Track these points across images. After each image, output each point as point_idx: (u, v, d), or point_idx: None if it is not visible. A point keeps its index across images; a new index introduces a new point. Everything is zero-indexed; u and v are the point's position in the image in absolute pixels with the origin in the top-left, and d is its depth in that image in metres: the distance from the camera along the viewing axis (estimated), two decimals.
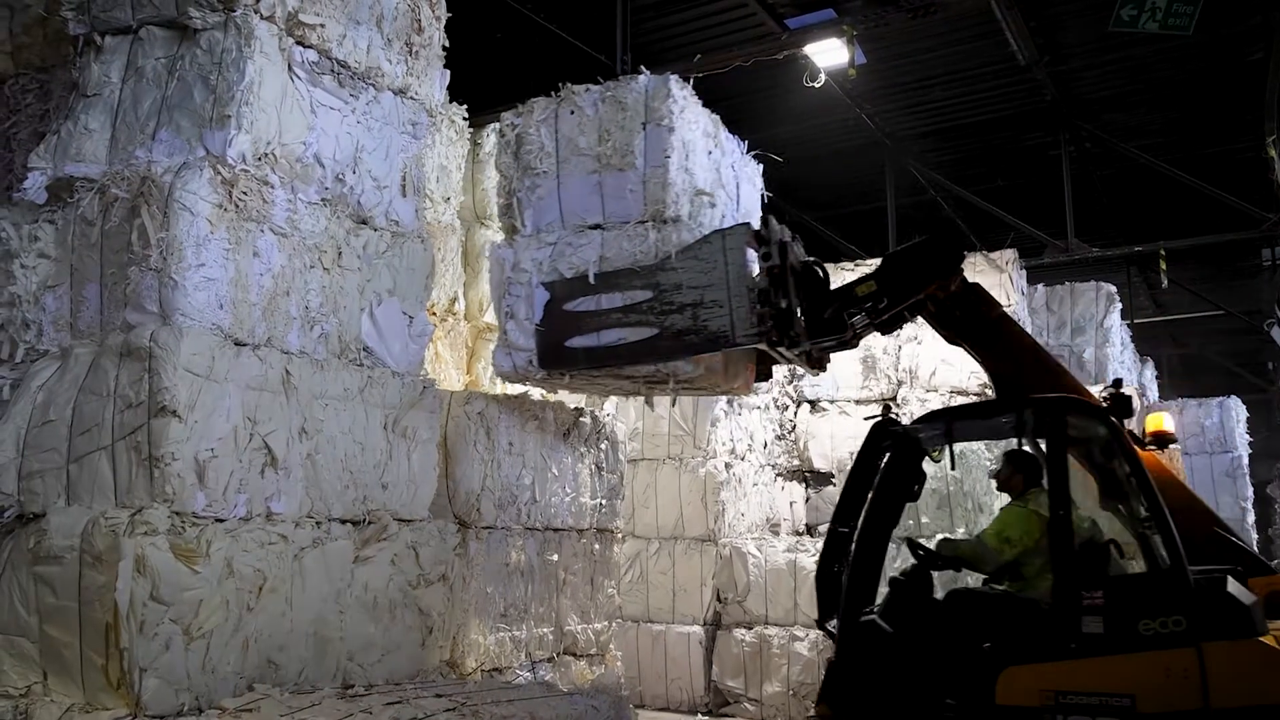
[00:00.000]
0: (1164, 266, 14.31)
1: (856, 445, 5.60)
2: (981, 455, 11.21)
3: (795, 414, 11.70)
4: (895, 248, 6.02)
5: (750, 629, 9.36)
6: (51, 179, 4.70)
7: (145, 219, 4.30)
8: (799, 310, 5.69)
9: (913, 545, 5.40)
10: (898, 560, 5.86)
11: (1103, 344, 13.84)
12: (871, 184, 14.81)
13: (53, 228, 4.60)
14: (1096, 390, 11.17)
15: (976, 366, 11.80)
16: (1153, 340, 20.46)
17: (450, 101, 7.01)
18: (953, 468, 5.63)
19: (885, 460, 5.28)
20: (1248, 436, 16.25)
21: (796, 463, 11.61)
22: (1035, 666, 4.67)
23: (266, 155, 4.71)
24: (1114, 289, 14.39)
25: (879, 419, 5.48)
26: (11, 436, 4.30)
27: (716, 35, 11.06)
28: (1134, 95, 12.79)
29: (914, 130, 13.82)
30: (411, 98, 5.58)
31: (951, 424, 5.40)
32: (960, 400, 11.60)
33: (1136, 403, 11.09)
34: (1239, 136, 13.37)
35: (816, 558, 5.54)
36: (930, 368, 11.84)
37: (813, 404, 11.74)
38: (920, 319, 6.05)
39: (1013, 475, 5.39)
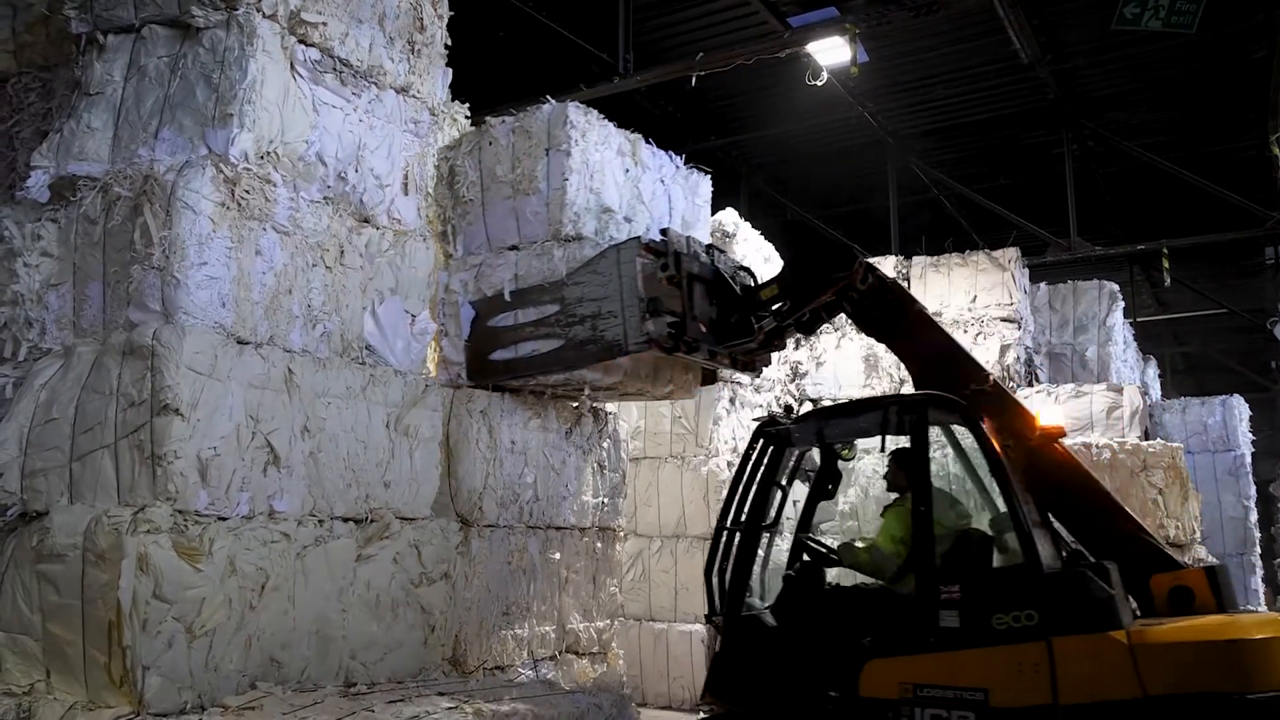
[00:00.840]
0: (1167, 265, 14.30)
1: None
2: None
3: (798, 413, 11.69)
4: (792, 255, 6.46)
5: None
6: (54, 178, 4.71)
7: (148, 217, 4.31)
8: (694, 317, 5.93)
9: (807, 543, 5.57)
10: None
11: (1105, 342, 13.81)
12: (874, 182, 14.82)
13: (55, 226, 4.60)
14: (1100, 389, 11.19)
15: None
16: (1155, 339, 20.45)
17: (452, 100, 7.02)
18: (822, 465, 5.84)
19: (764, 459, 5.46)
20: (1250, 435, 16.21)
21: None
22: (896, 659, 4.75)
23: (269, 154, 4.71)
24: (1116, 287, 14.37)
25: (763, 419, 5.65)
26: (14, 435, 4.30)
27: (719, 33, 11.07)
28: (1137, 93, 12.78)
29: (916, 128, 13.81)
30: (414, 96, 5.58)
31: (824, 422, 5.53)
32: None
33: (1139, 401, 11.08)
34: (1242, 135, 13.36)
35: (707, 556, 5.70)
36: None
37: (815, 403, 11.72)
38: (845, 318, 6.17)
39: (898, 474, 5.49)
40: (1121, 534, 5.19)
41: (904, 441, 5.31)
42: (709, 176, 7.44)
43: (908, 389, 11.79)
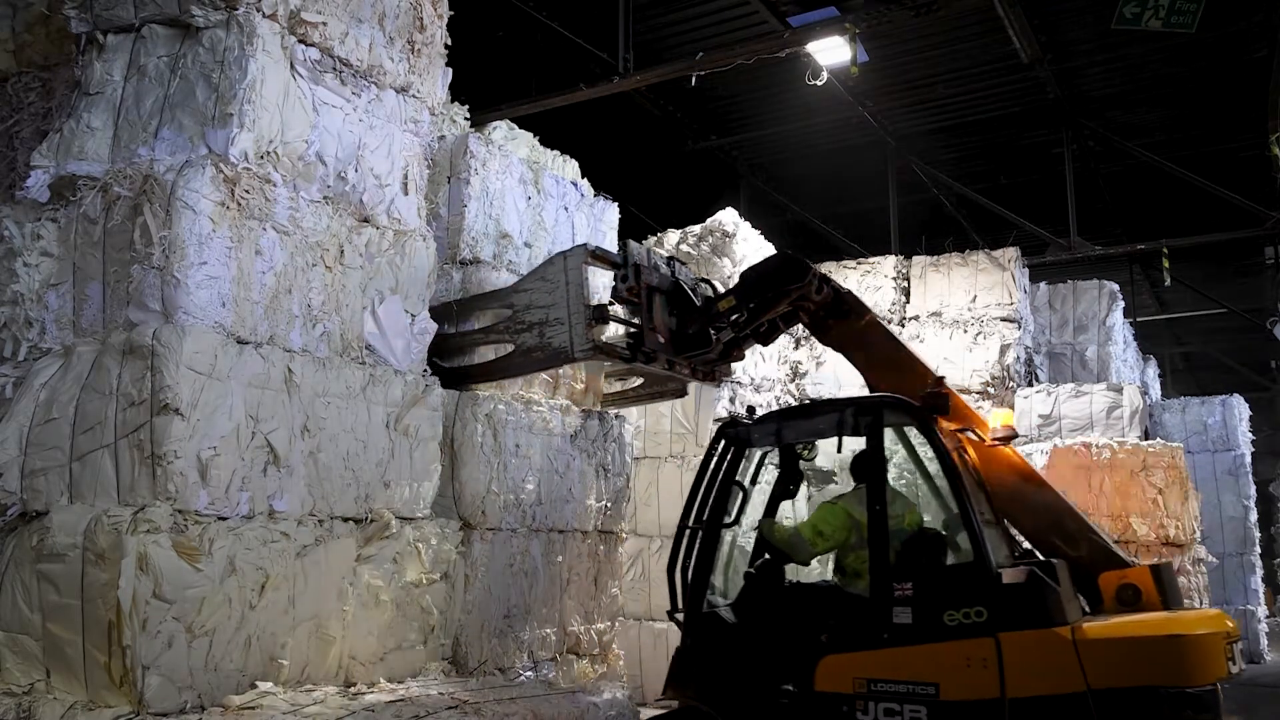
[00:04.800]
0: (1167, 264, 14.30)
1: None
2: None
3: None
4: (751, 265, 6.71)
5: None
6: (54, 177, 4.70)
7: (148, 217, 4.30)
8: (652, 328, 6.05)
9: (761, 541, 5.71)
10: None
11: (1105, 342, 13.82)
12: (874, 182, 14.81)
13: (55, 226, 4.60)
14: (1100, 389, 11.18)
15: (976, 364, 11.86)
16: (1155, 338, 20.46)
17: (452, 100, 7.02)
18: (777, 465, 6.00)
19: (725, 459, 5.61)
20: (1250, 435, 16.23)
21: None
22: (850, 655, 4.91)
23: (269, 153, 4.71)
24: (1116, 287, 14.38)
25: (724, 420, 5.84)
26: (14, 434, 4.30)
27: (719, 33, 11.07)
28: (1137, 93, 12.78)
29: (916, 128, 13.81)
30: (414, 96, 5.58)
31: (783, 423, 5.70)
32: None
33: (1139, 401, 11.09)
34: (1242, 134, 13.36)
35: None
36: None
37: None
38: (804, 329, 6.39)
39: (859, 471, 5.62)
40: (1071, 534, 5.37)
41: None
42: (615, 204, 7.71)
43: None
